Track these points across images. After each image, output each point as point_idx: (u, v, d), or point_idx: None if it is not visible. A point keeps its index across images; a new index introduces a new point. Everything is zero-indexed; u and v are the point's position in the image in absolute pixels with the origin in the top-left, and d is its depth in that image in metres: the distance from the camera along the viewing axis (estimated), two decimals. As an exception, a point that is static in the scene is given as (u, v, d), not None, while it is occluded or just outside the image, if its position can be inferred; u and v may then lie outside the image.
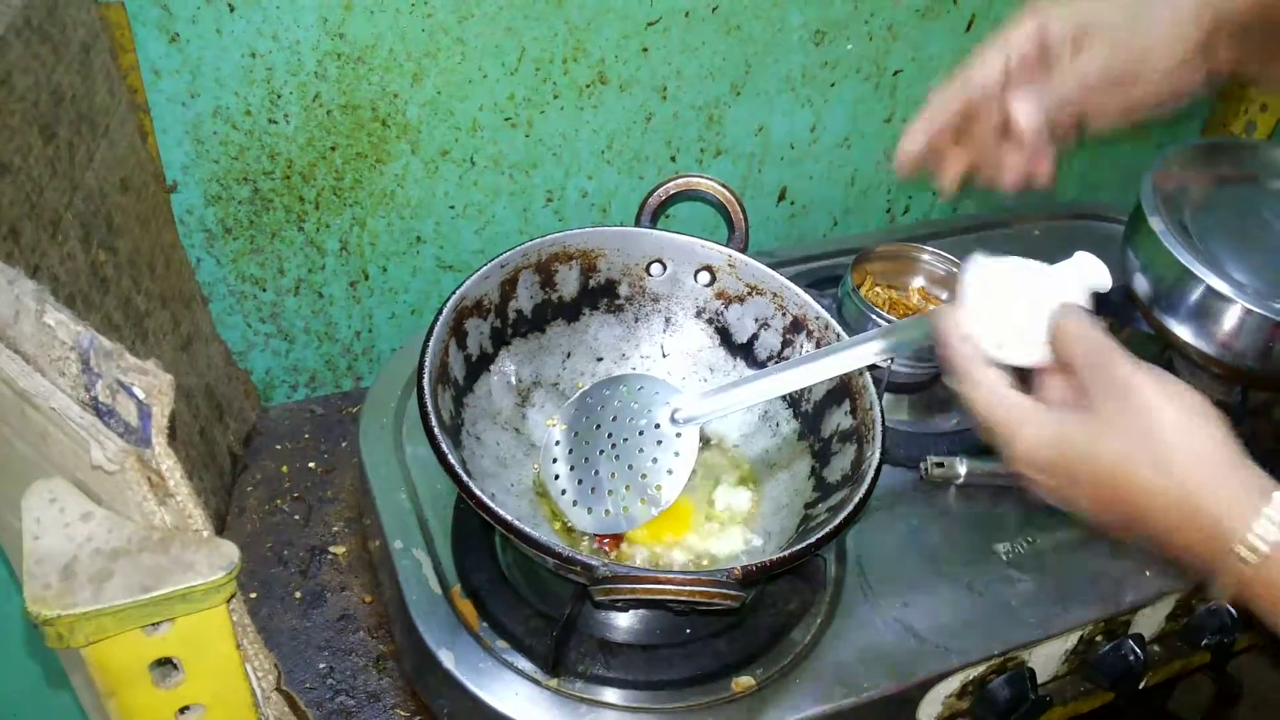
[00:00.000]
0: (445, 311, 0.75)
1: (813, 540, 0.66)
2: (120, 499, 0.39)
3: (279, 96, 0.88)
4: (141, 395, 0.37)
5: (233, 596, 0.41)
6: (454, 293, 0.76)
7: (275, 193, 0.93)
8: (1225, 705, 1.21)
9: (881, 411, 0.75)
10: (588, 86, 0.99)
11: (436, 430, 0.68)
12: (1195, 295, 0.93)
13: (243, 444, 0.98)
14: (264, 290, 0.99)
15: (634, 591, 0.61)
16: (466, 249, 1.04)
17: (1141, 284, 0.98)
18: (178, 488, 0.39)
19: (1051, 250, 0.66)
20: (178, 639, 0.41)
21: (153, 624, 0.39)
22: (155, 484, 0.38)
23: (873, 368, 0.75)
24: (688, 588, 0.61)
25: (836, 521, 0.67)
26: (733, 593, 0.61)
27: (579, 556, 0.63)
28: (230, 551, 0.40)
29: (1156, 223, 0.96)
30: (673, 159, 1.08)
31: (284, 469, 0.97)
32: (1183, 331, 0.95)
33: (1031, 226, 1.26)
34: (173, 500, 0.39)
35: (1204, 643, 0.88)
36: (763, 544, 0.78)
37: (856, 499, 0.69)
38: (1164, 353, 1.07)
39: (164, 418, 0.37)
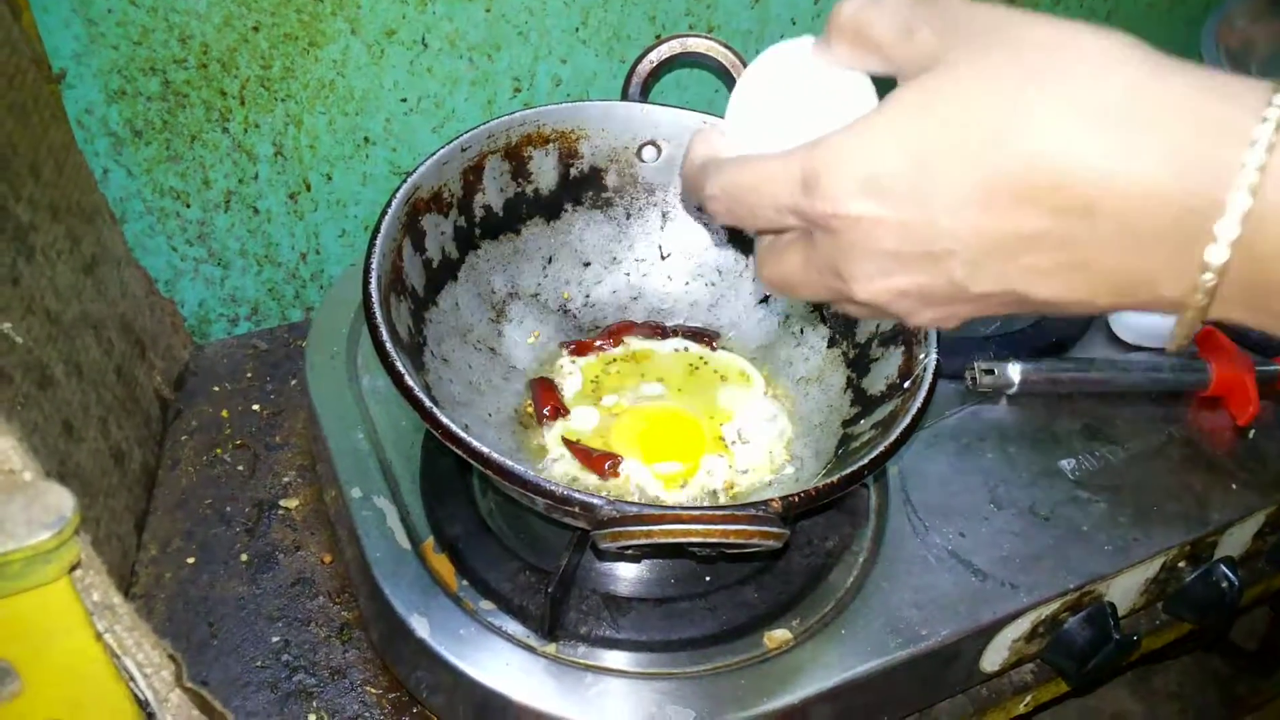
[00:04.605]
0: (395, 204, 0.61)
1: (866, 461, 0.53)
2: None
3: (184, -36, 0.73)
4: None
5: (77, 566, 0.28)
6: (404, 181, 0.62)
7: (191, 85, 0.78)
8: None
9: (933, 305, 0.62)
10: (556, -51, 0.84)
11: (389, 344, 0.54)
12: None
13: (173, 386, 0.84)
14: (188, 206, 0.84)
15: (649, 535, 0.48)
16: (424, 150, 0.89)
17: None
18: (-36, 408, 0.25)
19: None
20: (2, 632, 0.28)
21: (-49, 613, 0.26)
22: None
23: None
24: (718, 526, 0.48)
25: (892, 437, 0.54)
26: (774, 530, 0.48)
27: (577, 495, 0.50)
28: (62, 501, 0.26)
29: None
30: (658, 37, 0.93)
31: (224, 413, 0.84)
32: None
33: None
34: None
35: (1298, 563, 0.77)
36: (794, 472, 0.65)
37: (913, 409, 0.56)
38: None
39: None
